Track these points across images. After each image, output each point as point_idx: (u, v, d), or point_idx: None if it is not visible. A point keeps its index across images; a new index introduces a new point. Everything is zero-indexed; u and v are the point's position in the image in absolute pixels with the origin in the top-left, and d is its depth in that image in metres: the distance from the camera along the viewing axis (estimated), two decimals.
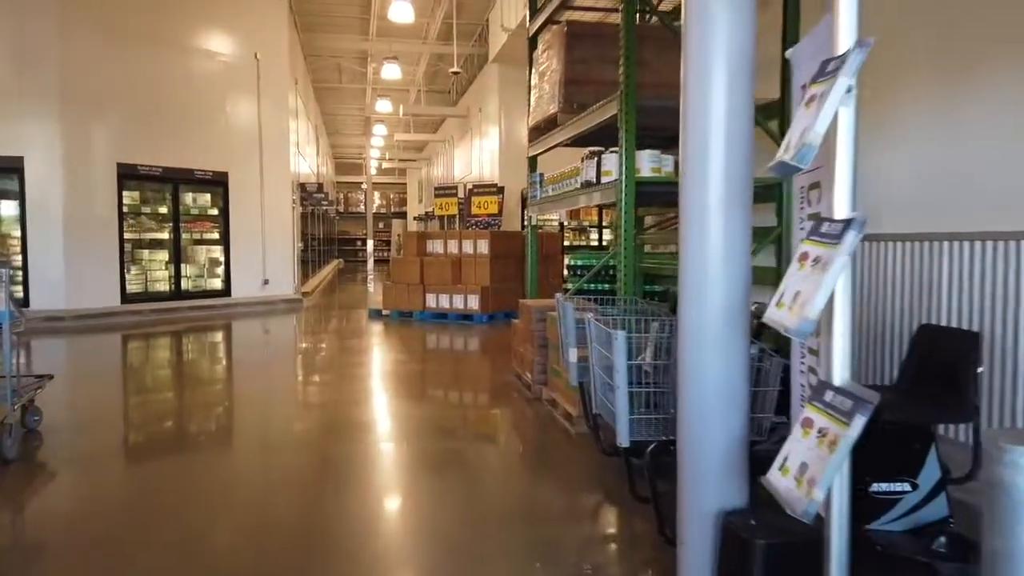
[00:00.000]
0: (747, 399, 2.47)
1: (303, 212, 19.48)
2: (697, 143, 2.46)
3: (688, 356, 2.49)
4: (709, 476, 2.45)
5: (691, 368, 2.47)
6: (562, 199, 5.99)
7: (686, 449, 2.50)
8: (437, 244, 12.22)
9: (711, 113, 2.42)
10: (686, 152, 2.51)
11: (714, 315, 2.42)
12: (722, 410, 2.43)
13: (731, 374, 2.43)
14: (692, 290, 2.48)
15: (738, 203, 2.44)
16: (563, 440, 4.82)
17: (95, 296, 11.68)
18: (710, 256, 2.43)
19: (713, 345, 2.42)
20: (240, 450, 4.82)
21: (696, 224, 2.47)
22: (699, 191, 2.46)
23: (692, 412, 2.48)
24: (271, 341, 10.60)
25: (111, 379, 7.40)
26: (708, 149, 2.43)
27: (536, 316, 5.99)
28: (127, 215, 12.31)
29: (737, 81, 2.41)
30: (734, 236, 2.43)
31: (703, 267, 2.44)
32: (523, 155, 18.34)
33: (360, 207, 38.50)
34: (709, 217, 2.44)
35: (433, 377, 7.29)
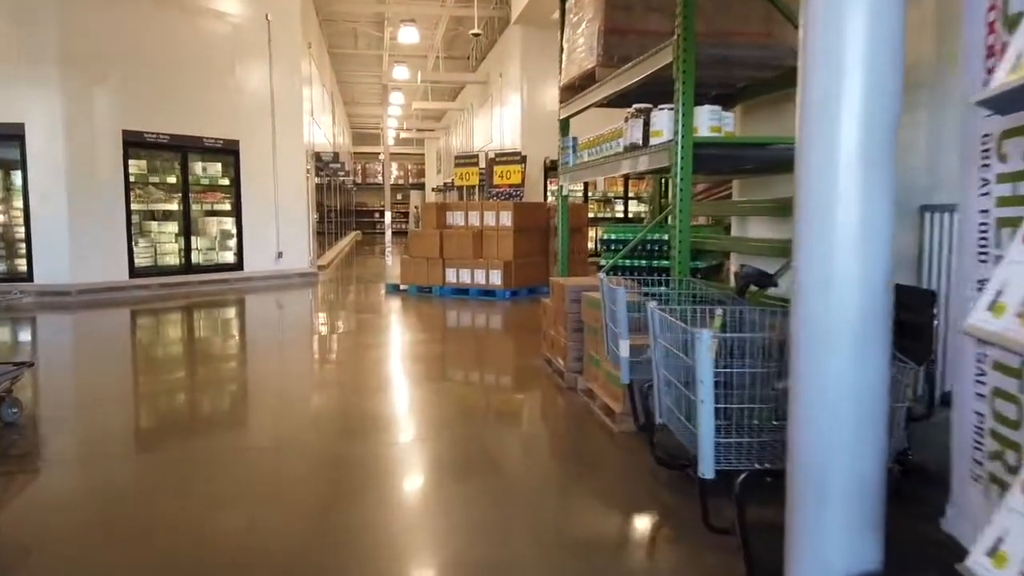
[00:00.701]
0: (886, 422, 1.84)
1: (319, 183, 18.90)
2: (825, 77, 1.80)
3: (807, 363, 1.86)
4: (832, 525, 1.83)
5: (811, 378, 1.84)
6: (600, 165, 5.33)
7: (800, 488, 1.88)
8: (457, 216, 11.59)
9: (846, 33, 1.76)
10: (808, 92, 1.85)
11: (846, 310, 1.79)
12: (853, 436, 1.81)
13: (867, 387, 1.81)
14: (814, 277, 1.84)
15: (879, 161, 1.79)
16: (605, 440, 4.22)
17: (102, 270, 11.21)
18: (841, 233, 1.79)
19: (845, 348, 1.79)
20: (250, 447, 4.28)
21: (821, 192, 1.82)
22: (825, 147, 1.81)
23: (810, 437, 1.85)
24: (284, 319, 10.08)
25: (116, 361, 6.90)
26: (841, 85, 1.77)
27: (570, 296, 5.36)
28: (134, 185, 11.78)
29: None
30: (874, 206, 1.79)
31: (829, 247, 1.80)
32: (546, 122, 17.58)
33: (377, 178, 37.88)
34: (839, 182, 1.79)
35: (455, 360, 6.71)
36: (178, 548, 2.88)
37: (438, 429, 4.49)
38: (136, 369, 6.51)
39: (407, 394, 5.44)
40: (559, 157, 6.44)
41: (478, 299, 10.85)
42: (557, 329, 5.72)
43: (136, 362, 6.88)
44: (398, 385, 5.72)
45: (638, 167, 4.47)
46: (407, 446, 4.22)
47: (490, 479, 3.61)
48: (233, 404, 5.25)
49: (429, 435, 4.39)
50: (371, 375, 6.01)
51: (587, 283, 5.53)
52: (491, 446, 4.19)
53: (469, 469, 3.76)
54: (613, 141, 5.03)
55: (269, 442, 4.35)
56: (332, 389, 5.61)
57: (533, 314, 9.86)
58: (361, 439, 4.30)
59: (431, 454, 4.05)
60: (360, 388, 5.55)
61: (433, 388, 5.55)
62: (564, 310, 5.45)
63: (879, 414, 1.82)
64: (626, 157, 4.70)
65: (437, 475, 3.73)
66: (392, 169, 38.11)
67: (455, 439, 4.28)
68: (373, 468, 3.81)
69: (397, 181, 38.86)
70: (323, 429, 4.58)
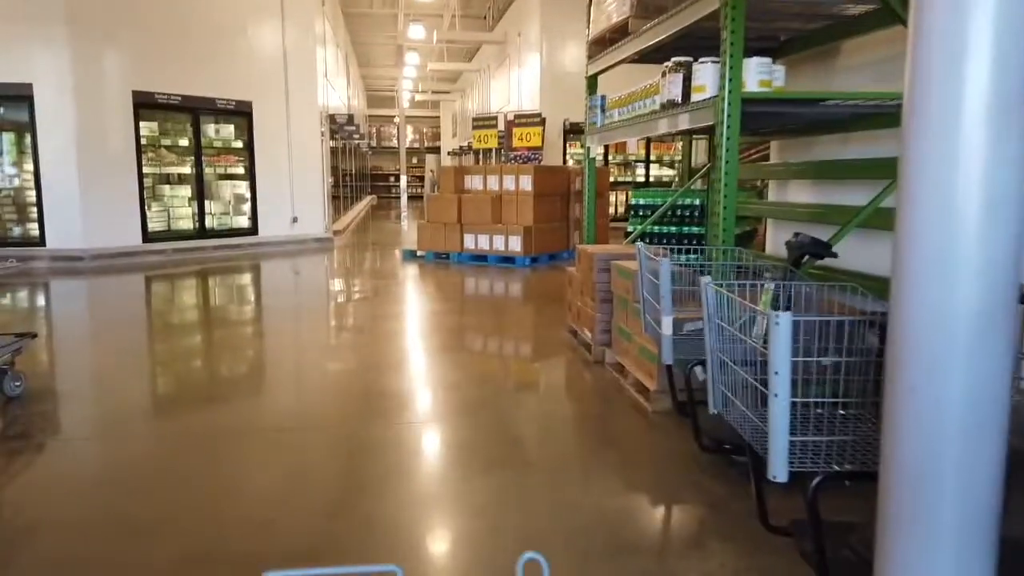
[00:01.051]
0: (1006, 425, 1.55)
1: (333, 146, 18.56)
2: (945, 5, 1.47)
3: (912, 354, 1.56)
4: (939, 548, 1.55)
5: (917, 376, 1.55)
6: (632, 126, 4.98)
7: (896, 501, 1.60)
8: (476, 180, 11.24)
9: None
10: (922, 25, 1.52)
11: (967, 294, 1.48)
12: (969, 441, 1.52)
13: (987, 385, 1.51)
14: (924, 254, 1.53)
15: (1012, 120, 1.47)
16: (639, 421, 3.96)
17: (114, 234, 11.02)
18: (961, 202, 1.47)
19: (962, 339, 1.49)
20: (257, 429, 4.06)
21: (936, 152, 1.50)
22: (944, 102, 1.48)
23: (913, 443, 1.57)
24: (300, 286, 9.86)
25: (129, 330, 6.71)
26: (966, 15, 1.44)
27: (598, 265, 5.06)
28: (146, 148, 11.51)
29: None
30: (1005, 170, 1.47)
31: (946, 220, 1.49)
32: (566, 84, 17.08)
33: (393, 141, 37.43)
34: (959, 145, 1.47)
35: (476, 332, 6.46)
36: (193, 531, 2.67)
37: (458, 408, 4.24)
38: (150, 338, 6.31)
39: (426, 369, 5.19)
40: (586, 117, 6.08)
41: (497, 266, 10.57)
42: (583, 299, 5.43)
43: (150, 331, 6.69)
44: (416, 359, 5.48)
45: (677, 126, 4.13)
46: (425, 427, 3.98)
47: (516, 468, 3.36)
48: (250, 378, 5.04)
49: (449, 415, 4.15)
50: (389, 348, 5.78)
51: (615, 251, 5.22)
52: (516, 428, 3.94)
53: (492, 456, 3.51)
54: (648, 99, 4.68)
55: (290, 421, 4.13)
56: (349, 363, 5.38)
57: (555, 282, 9.58)
58: (381, 419, 4.06)
59: (451, 437, 3.81)
60: (378, 363, 5.31)
61: (453, 362, 5.30)
62: (592, 280, 5.16)
63: (1000, 416, 1.53)
64: (663, 116, 4.35)
65: (458, 463, 3.49)
66: (407, 132, 37.62)
67: (477, 420, 4.03)
68: (393, 452, 3.58)
69: (412, 145, 38.39)
70: (341, 409, 4.36)
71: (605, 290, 5.06)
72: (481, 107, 24.78)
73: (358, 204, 25.84)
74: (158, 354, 5.65)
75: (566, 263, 11.05)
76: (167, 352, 5.69)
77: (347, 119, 16.75)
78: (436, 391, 4.59)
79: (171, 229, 11.96)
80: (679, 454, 3.46)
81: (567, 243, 11.52)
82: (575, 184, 11.58)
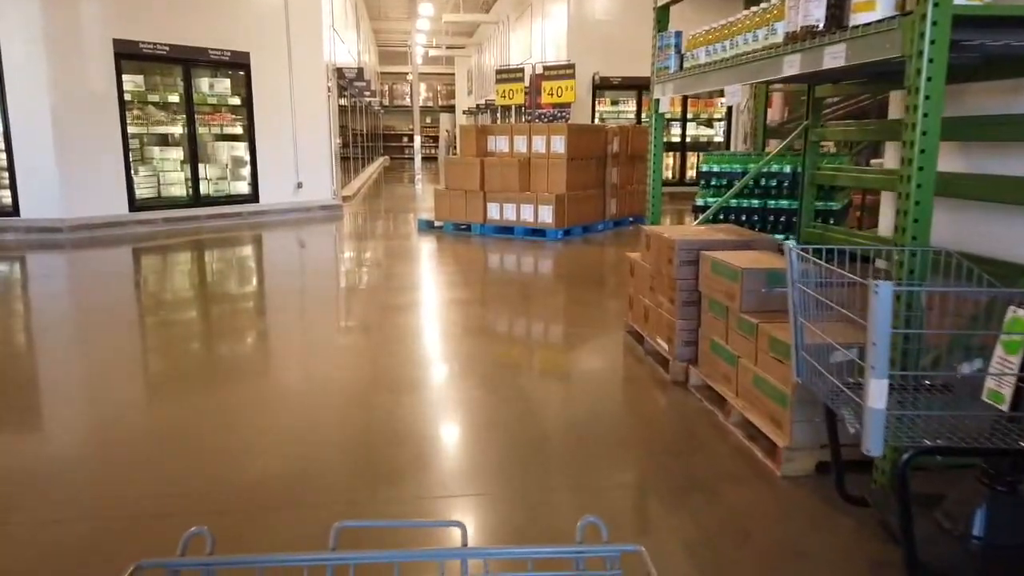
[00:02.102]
0: None
1: (343, 104, 17.22)
2: None
3: None
4: None
5: None
6: (732, 68, 3.68)
7: None
8: (501, 141, 9.93)
9: None
10: None
11: None
12: None
13: None
14: None
15: None
16: (763, 492, 2.76)
17: (97, 203, 9.86)
18: None
19: None
20: (244, 442, 2.92)
21: None
22: None
23: None
24: (302, 264, 8.68)
25: (110, 312, 5.56)
26: None
27: (681, 256, 3.82)
28: (131, 105, 10.28)
29: None
30: None
31: None
32: (596, 33, 15.51)
33: (406, 100, 35.89)
34: None
35: (507, 332, 5.26)
36: None
37: (492, 472, 3.06)
38: (138, 321, 5.18)
39: (444, 390, 4.02)
40: (654, 61, 4.77)
41: (525, 239, 9.33)
42: (656, 298, 4.20)
43: (138, 313, 5.54)
44: (431, 375, 4.31)
45: (821, 63, 2.84)
46: (450, 500, 2.81)
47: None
48: (248, 388, 3.89)
49: (479, 480, 2.97)
50: (405, 357, 4.60)
51: (702, 237, 3.97)
52: (571, 500, 2.75)
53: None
54: (760, 30, 3.37)
55: (276, 497, 2.97)
56: (355, 376, 4.21)
57: (593, 260, 8.35)
58: (390, 497, 2.90)
59: (482, 522, 2.63)
60: (391, 381, 4.15)
61: (478, 374, 4.12)
62: (670, 274, 3.93)
63: None
64: (792, 51, 3.05)
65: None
66: (421, 90, 36.00)
67: (516, 486, 2.85)
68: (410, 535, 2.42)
69: (426, 103, 36.82)
70: (327, 480, 3.19)
71: (690, 289, 3.83)
72: (499, 62, 23.20)
73: (370, 166, 24.53)
74: (149, 344, 4.50)
75: (601, 236, 9.82)
76: (159, 342, 4.53)
77: (356, 73, 15.38)
78: (457, 425, 3.41)
79: (161, 196, 10.79)
80: (845, 554, 2.27)
81: (603, 213, 10.24)
82: (613, 145, 10.25)
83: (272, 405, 3.71)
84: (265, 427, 3.40)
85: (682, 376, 3.90)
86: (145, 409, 3.66)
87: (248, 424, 3.45)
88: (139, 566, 1.01)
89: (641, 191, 11.15)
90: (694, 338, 3.85)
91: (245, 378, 4.10)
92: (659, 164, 4.95)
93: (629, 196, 10.79)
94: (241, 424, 3.45)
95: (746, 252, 3.66)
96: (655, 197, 4.95)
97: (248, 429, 3.39)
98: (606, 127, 10.37)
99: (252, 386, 3.98)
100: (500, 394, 3.81)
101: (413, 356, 4.54)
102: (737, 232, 4.19)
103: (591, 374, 4.21)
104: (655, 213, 4.94)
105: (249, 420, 3.50)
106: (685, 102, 15.95)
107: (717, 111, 16.21)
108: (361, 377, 4.16)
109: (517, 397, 3.76)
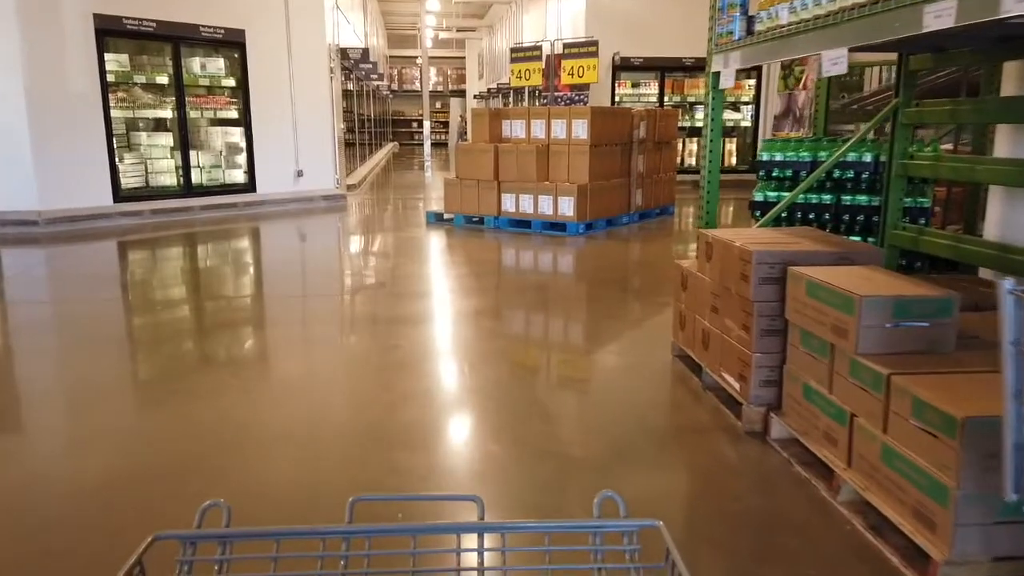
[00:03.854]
0: None
1: (349, 89, 16.36)
2: None
3: None
4: None
5: None
6: (833, 27, 2.80)
7: None
8: (517, 126, 9.05)
9: None
10: None
11: None
12: None
13: None
14: None
15: None
16: None
17: (78, 193, 9.06)
18: None
19: None
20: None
21: None
22: None
23: None
24: (300, 263, 7.88)
25: (91, 324, 4.76)
26: None
27: (760, 271, 2.96)
28: (115, 87, 9.45)
29: None
30: None
31: None
32: (617, 10, 14.54)
33: (415, 84, 34.90)
34: None
35: (527, 352, 4.43)
36: None
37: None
38: (113, 337, 4.39)
39: (454, 438, 3.20)
40: (712, 26, 3.89)
41: (543, 234, 8.47)
42: (721, 321, 3.35)
43: (117, 324, 4.74)
44: (437, 420, 3.49)
45: (997, 9, 1.98)
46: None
47: None
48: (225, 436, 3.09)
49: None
50: (408, 395, 3.79)
51: (782, 246, 3.11)
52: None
53: None
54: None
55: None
56: (347, 441, 3.40)
57: (622, 259, 7.48)
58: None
59: None
60: (392, 431, 3.33)
61: (497, 433, 3.29)
62: (744, 293, 3.07)
63: None
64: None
65: None
66: (431, 75, 35.00)
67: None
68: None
69: (436, 88, 35.83)
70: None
71: (773, 315, 2.98)
72: (512, 44, 22.23)
73: (378, 153, 23.66)
74: (137, 360, 3.70)
75: (626, 230, 8.95)
76: (147, 356, 3.73)
77: (362, 54, 14.48)
78: (471, 478, 2.60)
79: (149, 186, 9.97)
80: None
81: (628, 205, 9.36)
82: (639, 130, 9.35)
83: (243, 464, 2.89)
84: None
85: (759, 425, 3.05)
86: (101, 446, 2.85)
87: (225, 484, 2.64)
88: (156, 537, 1.02)
89: (667, 180, 10.25)
90: (777, 377, 3.01)
91: (218, 427, 3.28)
92: (717, 155, 4.06)
93: (655, 186, 9.89)
94: (200, 486, 2.63)
95: (849, 269, 2.80)
96: (711, 193, 4.07)
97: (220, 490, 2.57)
98: (632, 110, 9.46)
99: (230, 433, 3.16)
100: (523, 449, 2.97)
101: (417, 393, 3.71)
102: (823, 239, 3.33)
103: (639, 419, 3.35)
104: (711, 213, 4.07)
105: (222, 482, 2.68)
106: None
107: (745, 93, 15.20)
108: (354, 427, 3.33)
109: (543, 454, 2.92)
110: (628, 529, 1.09)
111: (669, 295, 5.37)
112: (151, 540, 1.00)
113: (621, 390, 3.69)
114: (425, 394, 3.62)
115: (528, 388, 3.68)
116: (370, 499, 1.11)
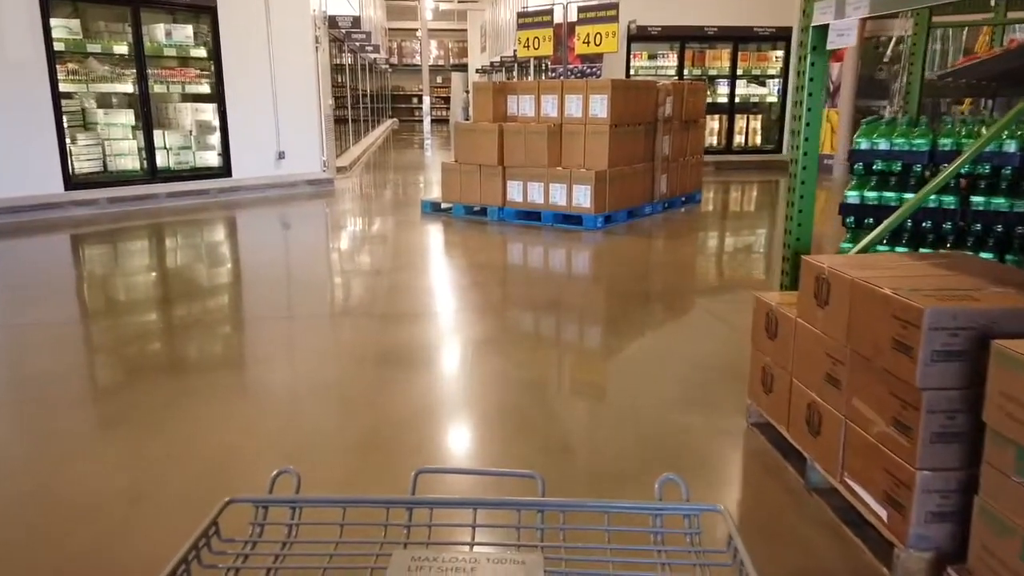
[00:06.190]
0: None
1: (340, 63, 15.10)
2: None
3: None
4: None
5: None
6: None
7: None
8: (525, 102, 7.84)
9: None
10: None
11: None
12: None
13: None
14: None
15: None
16: None
17: (21, 180, 7.90)
18: None
19: None
20: None
21: None
22: None
23: None
24: (275, 266, 6.75)
25: (39, 337, 3.65)
26: None
27: (932, 339, 1.82)
28: (64, 56, 8.24)
29: None
30: None
31: None
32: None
33: (415, 58, 33.48)
34: None
35: (542, 416, 3.31)
36: None
37: None
38: (77, 352, 3.29)
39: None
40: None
41: (555, 227, 7.32)
42: (849, 404, 2.20)
43: (78, 334, 3.64)
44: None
45: None
46: None
47: None
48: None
49: None
50: (396, 465, 2.68)
51: (957, 294, 1.96)
52: None
53: None
54: None
55: None
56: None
57: (649, 261, 6.31)
58: None
59: None
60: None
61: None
62: (896, 370, 1.93)
63: None
64: None
65: None
66: (431, 48, 33.51)
67: None
68: None
69: (436, 62, 34.40)
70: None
71: (951, 410, 1.84)
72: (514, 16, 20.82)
73: (375, 130, 22.38)
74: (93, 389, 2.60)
75: (650, 223, 7.78)
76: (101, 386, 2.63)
77: (352, 22, 13.21)
78: None
79: (107, 171, 8.81)
80: None
81: (651, 194, 8.19)
82: (665, 107, 8.14)
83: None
84: None
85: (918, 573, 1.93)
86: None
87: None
88: (230, 501, 1.04)
89: (695, 164, 9.06)
90: (958, 508, 1.88)
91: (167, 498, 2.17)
92: (814, 152, 2.87)
93: (681, 170, 8.71)
94: None
95: None
96: (806, 199, 2.89)
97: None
98: (657, 84, 8.24)
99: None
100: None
101: (402, 469, 2.59)
102: (991, 273, 2.18)
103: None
104: (804, 227, 2.90)
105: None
106: (735, 55, 13.69)
107: (771, 66, 13.92)
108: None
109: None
110: (690, 512, 1.08)
111: (721, 319, 4.22)
112: (226, 502, 1.03)
113: (679, 470, 2.57)
114: (412, 453, 2.51)
115: (539, 446, 2.56)
116: (434, 471, 1.18)
